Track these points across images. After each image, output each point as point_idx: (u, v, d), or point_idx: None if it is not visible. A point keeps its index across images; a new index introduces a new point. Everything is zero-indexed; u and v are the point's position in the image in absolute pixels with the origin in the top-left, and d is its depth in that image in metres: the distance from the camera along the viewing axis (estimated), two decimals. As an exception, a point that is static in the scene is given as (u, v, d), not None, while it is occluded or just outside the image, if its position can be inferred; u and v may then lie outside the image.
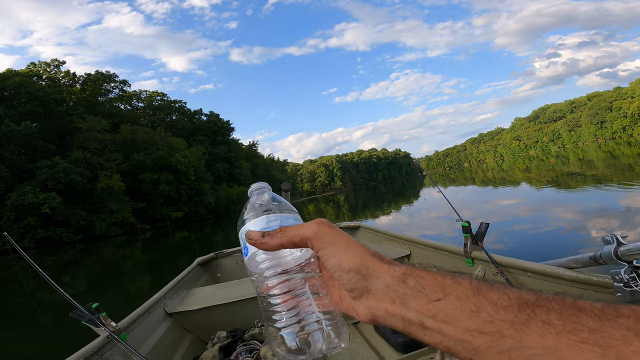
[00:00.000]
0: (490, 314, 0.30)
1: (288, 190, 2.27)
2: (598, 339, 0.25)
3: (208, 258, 3.75)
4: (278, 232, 0.43)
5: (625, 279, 1.18)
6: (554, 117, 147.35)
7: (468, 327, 0.31)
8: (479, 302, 0.31)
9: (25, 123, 38.18)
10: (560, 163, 41.11)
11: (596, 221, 8.31)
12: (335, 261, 0.39)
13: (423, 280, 0.35)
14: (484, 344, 0.30)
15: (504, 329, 0.29)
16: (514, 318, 0.29)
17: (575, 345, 0.26)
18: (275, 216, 0.48)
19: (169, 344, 2.12)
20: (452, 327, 0.32)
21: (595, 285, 1.37)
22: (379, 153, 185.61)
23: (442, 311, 0.33)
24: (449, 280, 0.34)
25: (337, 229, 0.42)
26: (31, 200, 32.31)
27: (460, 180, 49.89)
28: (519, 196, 17.50)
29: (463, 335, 0.31)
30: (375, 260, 0.39)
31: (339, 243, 0.40)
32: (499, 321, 0.30)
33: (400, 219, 17.52)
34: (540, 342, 0.27)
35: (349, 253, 0.39)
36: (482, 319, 0.30)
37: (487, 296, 0.31)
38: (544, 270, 1.57)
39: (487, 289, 0.32)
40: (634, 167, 20.47)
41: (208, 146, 61.14)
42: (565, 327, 0.27)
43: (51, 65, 52.17)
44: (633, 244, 1.16)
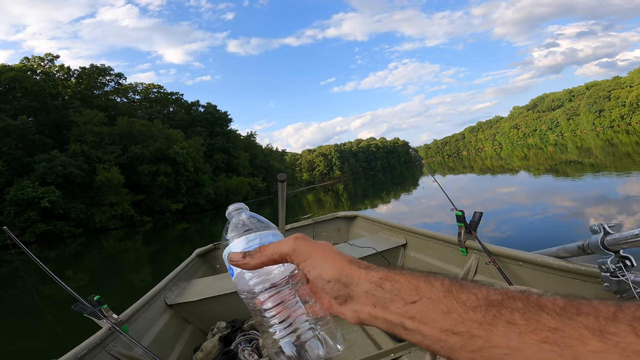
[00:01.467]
0: (460, 315, 0.31)
1: (284, 181, 2.28)
2: (557, 339, 0.26)
3: (207, 249, 3.75)
4: (257, 251, 0.44)
5: (611, 268, 1.18)
6: (552, 106, 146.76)
7: (442, 327, 0.32)
8: (450, 304, 0.32)
9: (22, 117, 38.04)
10: (559, 151, 41.06)
11: (595, 209, 8.34)
12: (316, 273, 0.41)
13: (398, 284, 0.36)
14: (457, 344, 0.31)
15: (473, 329, 0.30)
16: (482, 318, 0.30)
17: (536, 345, 0.27)
18: (254, 235, 0.49)
19: (170, 335, 2.15)
20: (428, 328, 0.33)
21: (584, 275, 1.38)
22: (378, 142, 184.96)
23: (418, 313, 0.34)
24: (422, 283, 0.35)
25: (313, 241, 0.43)
26: (30, 194, 32.28)
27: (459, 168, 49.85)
28: (518, 184, 17.51)
29: (439, 334, 0.32)
30: (353, 267, 0.40)
31: (317, 255, 0.42)
32: (469, 321, 0.31)
33: (400, 208, 17.54)
34: (505, 342, 0.28)
35: (328, 263, 0.41)
36: (453, 320, 0.32)
37: (457, 297, 0.33)
38: (535, 260, 1.59)
39: (457, 290, 0.33)
40: (632, 155, 20.47)
41: (206, 137, 60.96)
42: (527, 327, 0.28)
43: (45, 59, 51.78)
44: (619, 233, 1.16)
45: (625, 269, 1.17)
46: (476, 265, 2.03)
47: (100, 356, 1.57)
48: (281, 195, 2.41)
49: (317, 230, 4.13)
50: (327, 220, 4.25)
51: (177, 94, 70.17)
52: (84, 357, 1.48)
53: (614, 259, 1.18)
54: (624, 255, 1.18)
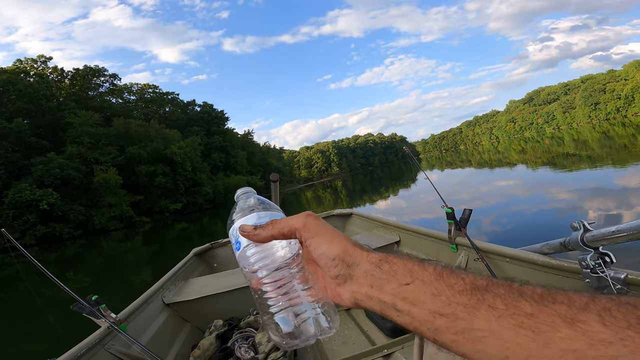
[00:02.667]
0: (448, 297, 0.34)
1: (277, 181, 2.31)
2: (532, 324, 0.28)
3: (204, 248, 3.78)
4: (269, 224, 0.46)
5: (591, 265, 1.21)
6: (548, 100, 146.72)
7: (431, 308, 0.34)
8: (440, 286, 0.35)
9: (17, 120, 37.84)
10: (555, 144, 41.13)
11: (592, 201, 8.37)
12: (322, 250, 0.43)
13: (395, 266, 0.39)
14: (442, 325, 0.33)
15: (459, 311, 0.32)
16: (467, 301, 0.32)
17: (512, 329, 0.29)
18: (264, 213, 0.51)
19: (168, 334, 2.18)
20: (418, 309, 0.35)
21: (566, 271, 1.42)
22: (375, 138, 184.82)
23: (410, 294, 0.36)
24: (417, 267, 0.38)
25: (322, 221, 0.45)
26: (28, 197, 32.18)
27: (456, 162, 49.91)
28: (516, 177, 17.55)
29: (427, 316, 0.35)
30: (356, 248, 0.42)
31: (325, 233, 0.44)
32: (455, 304, 0.33)
33: (398, 203, 17.58)
34: (486, 325, 0.31)
35: (334, 242, 0.43)
36: (441, 302, 0.34)
37: (447, 281, 0.35)
38: (520, 256, 1.64)
39: (447, 275, 0.36)
40: (629, 147, 20.53)
41: (203, 137, 60.80)
42: (506, 311, 0.30)
43: (38, 61, 51.49)
44: (597, 230, 1.18)
45: (604, 265, 1.20)
46: (466, 261, 2.08)
47: (100, 355, 1.60)
48: (274, 196, 2.44)
49: None
50: (323, 218, 4.24)
51: (173, 94, 70.00)
52: (83, 355, 1.51)
53: (593, 256, 1.21)
54: (604, 252, 1.21)
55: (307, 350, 2.10)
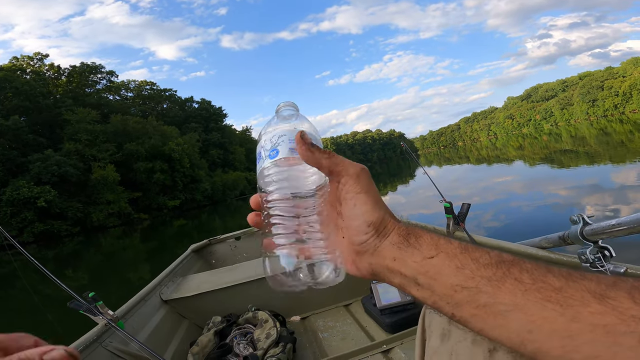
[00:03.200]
0: (472, 270, 0.33)
1: None
2: (560, 298, 0.28)
3: (202, 245, 3.76)
4: (326, 152, 0.43)
5: (590, 259, 1.18)
6: (546, 96, 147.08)
7: (453, 282, 0.34)
8: (464, 260, 0.34)
9: (14, 117, 37.76)
10: (553, 140, 41.21)
11: (590, 197, 8.40)
12: (362, 210, 0.40)
13: (421, 239, 0.38)
14: (464, 298, 0.33)
15: (482, 284, 0.32)
16: (492, 275, 0.32)
17: (539, 303, 0.28)
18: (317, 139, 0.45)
19: (166, 331, 2.17)
20: (439, 283, 0.35)
21: (564, 266, 1.37)
22: (374, 134, 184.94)
23: (433, 267, 0.35)
24: (442, 240, 0.37)
25: (373, 181, 0.43)
26: (26, 194, 32.13)
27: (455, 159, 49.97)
28: (514, 174, 17.60)
29: (448, 290, 0.34)
30: (391, 220, 0.40)
31: (373, 194, 0.41)
32: (479, 277, 0.32)
33: (397, 199, 17.58)
34: (510, 298, 0.30)
35: (376, 207, 0.40)
36: (464, 275, 0.33)
37: (472, 254, 0.34)
38: (519, 250, 1.62)
39: (473, 249, 0.35)
40: (626, 144, 20.56)
41: (201, 133, 60.77)
42: (533, 285, 0.29)
43: (34, 58, 51.29)
44: (597, 223, 1.17)
45: (604, 259, 1.18)
46: None
47: (97, 352, 1.59)
48: None
49: None
50: None
51: (171, 91, 69.84)
52: (80, 352, 1.50)
53: (592, 250, 1.19)
54: (603, 245, 1.19)
55: (306, 345, 2.11)
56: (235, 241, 3.93)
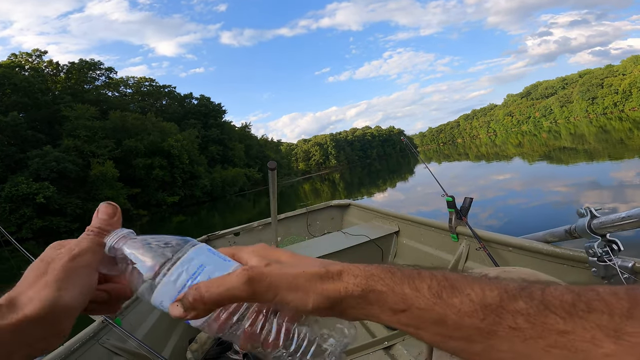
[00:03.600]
0: (456, 322, 0.30)
1: (274, 169, 2.25)
2: (567, 342, 0.25)
3: (200, 240, 3.73)
4: (198, 300, 0.34)
5: (598, 252, 1.17)
6: (545, 94, 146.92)
7: (438, 332, 0.31)
8: (442, 311, 0.30)
9: (12, 114, 37.64)
10: (553, 138, 41.25)
11: (589, 195, 8.39)
12: (293, 307, 0.35)
13: (383, 295, 0.33)
14: (457, 347, 0.30)
15: (472, 335, 0.29)
16: (480, 324, 0.28)
17: (543, 350, 0.25)
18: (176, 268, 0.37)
19: (164, 327, 2.15)
20: (424, 332, 0.32)
21: (571, 260, 1.37)
22: (373, 131, 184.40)
23: (411, 320, 0.32)
24: (408, 289, 0.32)
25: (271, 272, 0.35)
26: (25, 190, 32.04)
27: (454, 155, 50.06)
28: (513, 171, 17.60)
29: (436, 338, 0.31)
30: (328, 283, 0.35)
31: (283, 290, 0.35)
32: (465, 328, 0.29)
33: (396, 196, 17.61)
34: (509, 347, 0.27)
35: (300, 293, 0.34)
36: (448, 327, 0.30)
37: (449, 303, 0.30)
38: (523, 245, 1.60)
39: (449, 294, 0.31)
40: (625, 142, 20.55)
41: (200, 129, 60.68)
42: (533, 331, 0.26)
43: (33, 55, 51.12)
44: (606, 216, 1.15)
45: (612, 253, 1.16)
46: (467, 251, 2.04)
47: (94, 349, 1.57)
48: (272, 184, 2.40)
49: (311, 219, 4.12)
50: (320, 209, 4.24)
51: (170, 87, 69.70)
52: (76, 350, 1.48)
53: (600, 243, 1.17)
54: (611, 239, 1.17)
55: None
56: (234, 237, 3.91)
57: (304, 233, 4.00)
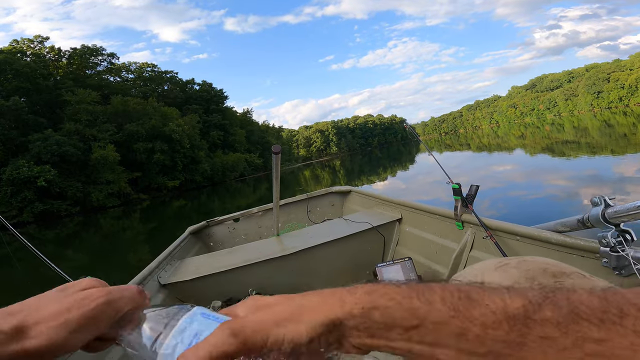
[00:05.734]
0: (479, 335, 0.27)
1: (278, 153, 2.21)
2: (605, 351, 0.23)
3: (200, 227, 3.68)
4: None
5: (611, 243, 1.14)
6: (551, 87, 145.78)
7: (460, 347, 0.27)
8: (462, 324, 0.27)
9: (14, 98, 37.59)
10: (556, 130, 40.98)
11: (590, 188, 8.34)
12: (290, 344, 0.31)
13: (389, 310, 0.30)
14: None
15: (499, 348, 0.26)
16: (506, 337, 0.26)
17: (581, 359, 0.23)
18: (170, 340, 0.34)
19: None
20: (442, 350, 0.28)
21: (582, 250, 1.34)
22: (375, 119, 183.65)
23: (425, 336, 0.28)
24: (418, 302, 0.29)
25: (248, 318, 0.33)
26: (26, 173, 32.15)
27: (455, 145, 49.89)
28: (514, 162, 17.55)
29: (457, 355, 0.27)
30: (322, 306, 0.32)
31: (272, 328, 0.31)
32: (490, 341, 0.26)
33: (397, 184, 17.58)
34: (542, 358, 0.25)
35: (292, 325, 0.31)
36: (471, 342, 0.27)
37: (468, 316, 0.27)
38: (532, 234, 1.56)
39: (466, 307, 0.28)
40: (629, 136, 20.43)
41: (202, 115, 60.67)
42: (567, 341, 0.24)
43: (34, 41, 50.91)
44: (621, 205, 1.11)
45: (625, 243, 1.12)
46: (472, 239, 2.00)
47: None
48: (275, 168, 2.36)
49: (311, 206, 4.08)
50: (321, 195, 4.20)
51: (172, 72, 69.46)
52: None
53: (614, 233, 1.14)
54: (625, 229, 1.13)
55: None
56: (233, 223, 3.87)
57: (304, 219, 3.96)
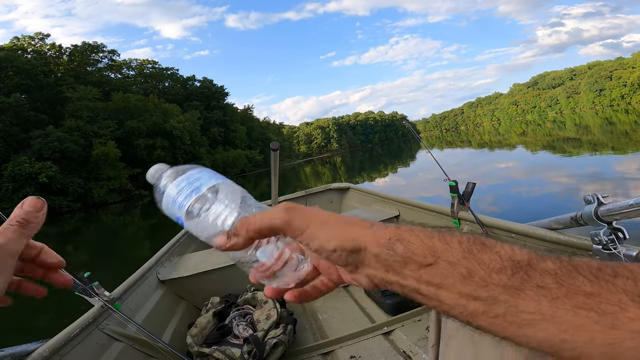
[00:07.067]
0: (483, 278, 0.29)
1: (277, 149, 2.22)
2: (594, 305, 0.24)
3: None
4: (242, 227, 0.38)
5: (604, 240, 1.15)
6: (552, 84, 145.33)
7: (462, 291, 0.30)
8: (471, 266, 0.29)
9: (15, 95, 37.59)
10: (557, 128, 40.93)
11: (591, 186, 8.35)
12: (318, 243, 0.36)
13: (411, 245, 0.32)
14: (478, 308, 0.29)
15: (498, 293, 0.28)
16: (508, 281, 0.28)
17: (571, 310, 0.25)
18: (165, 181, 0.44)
19: (163, 312, 2.14)
20: (446, 292, 0.31)
21: (575, 248, 1.35)
22: (376, 115, 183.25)
23: (435, 276, 0.31)
24: (438, 242, 0.32)
25: (306, 209, 0.38)
26: (28, 170, 32.16)
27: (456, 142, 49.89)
28: (515, 159, 17.54)
29: (458, 300, 0.30)
30: (357, 228, 0.36)
31: (314, 224, 0.37)
32: (493, 285, 0.28)
33: (397, 181, 17.59)
34: (535, 307, 0.26)
35: (328, 230, 0.36)
36: (475, 284, 0.29)
37: (479, 258, 0.30)
38: (527, 231, 1.58)
39: (479, 250, 0.30)
40: (630, 134, 20.39)
41: (202, 111, 60.79)
42: (560, 291, 0.26)
43: (35, 38, 50.84)
44: (613, 204, 1.12)
45: (617, 241, 1.14)
46: None
47: (94, 334, 1.55)
48: (274, 165, 2.37)
49: (310, 202, 4.11)
50: (320, 192, 4.23)
51: (173, 69, 69.57)
52: (76, 336, 1.47)
53: (606, 231, 1.15)
54: (617, 227, 1.15)
55: (306, 327, 2.09)
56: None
57: None
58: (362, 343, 1.75)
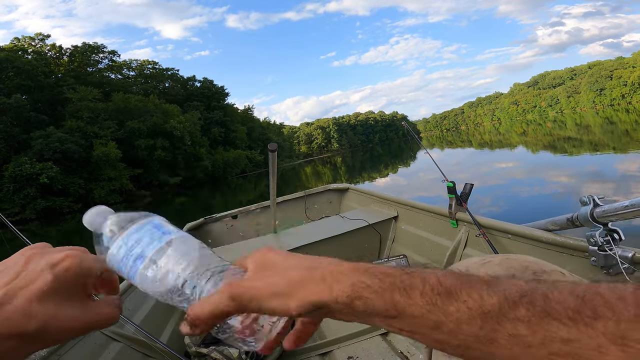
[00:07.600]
0: (453, 330, 0.28)
1: (275, 151, 2.22)
2: (570, 350, 0.24)
3: (197, 224, 3.69)
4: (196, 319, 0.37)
5: (599, 242, 1.15)
6: (553, 84, 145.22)
7: (435, 338, 0.30)
8: (437, 319, 0.29)
9: (15, 96, 37.63)
10: (557, 127, 40.93)
11: (591, 185, 8.34)
12: (279, 312, 0.36)
13: (370, 302, 0.32)
14: (455, 352, 0.29)
15: (470, 342, 0.28)
16: (478, 332, 0.27)
17: (546, 358, 0.25)
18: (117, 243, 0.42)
19: (162, 313, 2.13)
20: (421, 337, 0.31)
21: (571, 249, 1.36)
22: (376, 115, 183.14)
23: (405, 326, 0.31)
24: (398, 296, 0.31)
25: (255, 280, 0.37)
26: (28, 170, 32.21)
27: (457, 142, 49.90)
28: (516, 159, 17.54)
29: (433, 343, 0.30)
30: (312, 286, 0.35)
31: (266, 296, 0.35)
32: (463, 336, 0.28)
33: (398, 181, 17.60)
34: (509, 354, 0.26)
35: (284, 299, 0.35)
36: (445, 334, 0.29)
37: (444, 310, 0.29)
38: (523, 232, 1.58)
39: (443, 302, 0.29)
40: (631, 134, 20.38)
41: (203, 111, 60.72)
42: (534, 339, 0.25)
43: (36, 39, 50.92)
44: (609, 205, 1.13)
45: (613, 242, 1.14)
46: (466, 237, 2.02)
47: (92, 334, 1.54)
48: (272, 166, 2.37)
49: (309, 203, 4.09)
50: (318, 192, 4.21)
51: (173, 70, 69.52)
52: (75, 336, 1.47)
53: (602, 232, 1.16)
54: (613, 228, 1.15)
55: None
56: (231, 220, 3.88)
57: (302, 217, 3.96)
58: (360, 343, 1.75)
